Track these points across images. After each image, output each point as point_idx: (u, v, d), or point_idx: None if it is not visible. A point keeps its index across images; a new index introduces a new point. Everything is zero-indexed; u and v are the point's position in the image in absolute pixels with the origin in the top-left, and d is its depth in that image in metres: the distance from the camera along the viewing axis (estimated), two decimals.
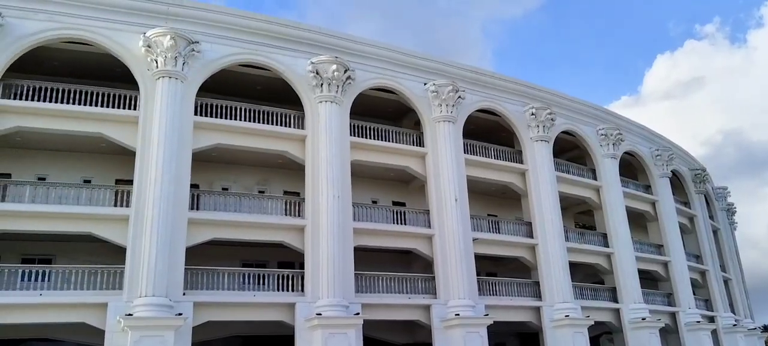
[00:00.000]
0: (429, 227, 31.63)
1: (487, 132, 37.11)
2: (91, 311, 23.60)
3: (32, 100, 25.51)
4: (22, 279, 23.51)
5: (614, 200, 39.46)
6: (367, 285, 29.00)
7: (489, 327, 29.83)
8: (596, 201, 39.65)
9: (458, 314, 29.19)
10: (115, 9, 27.19)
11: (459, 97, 33.66)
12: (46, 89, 25.78)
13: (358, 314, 26.99)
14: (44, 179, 26.67)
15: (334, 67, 29.93)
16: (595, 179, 40.05)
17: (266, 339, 28.51)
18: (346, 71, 30.43)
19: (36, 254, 26.01)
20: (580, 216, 44.22)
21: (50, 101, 25.64)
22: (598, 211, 39.91)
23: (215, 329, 26.19)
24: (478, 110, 35.58)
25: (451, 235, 31.02)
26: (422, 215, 32.04)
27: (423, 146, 32.99)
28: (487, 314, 30.23)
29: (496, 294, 32.66)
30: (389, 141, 32.28)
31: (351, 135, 30.68)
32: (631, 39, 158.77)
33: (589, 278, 39.24)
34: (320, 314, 25.99)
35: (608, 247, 38.47)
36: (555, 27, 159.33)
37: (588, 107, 41.26)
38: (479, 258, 32.20)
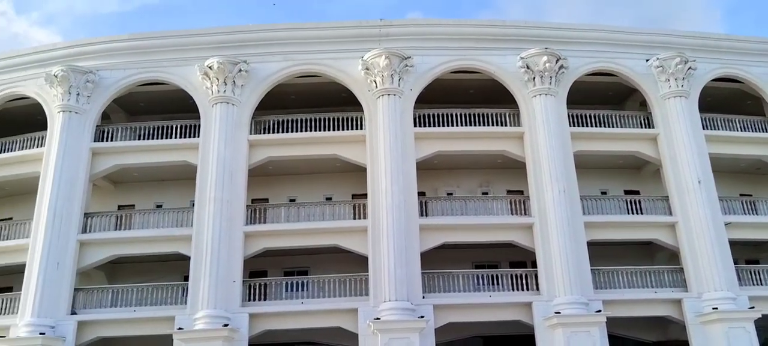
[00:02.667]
0: (670, 214, 28.84)
1: (730, 103, 32.82)
2: (344, 316, 25.87)
3: (278, 132, 29.07)
4: (286, 290, 26.77)
5: None
6: (606, 281, 27.38)
7: (756, 322, 26.16)
8: None
9: (716, 308, 26.08)
10: (335, 40, 29.81)
11: (689, 68, 30.30)
12: (288, 121, 29.19)
13: (599, 311, 25.61)
14: (294, 200, 30.05)
15: (545, 58, 29.07)
16: None
17: (506, 339, 28.42)
18: (557, 61, 29.35)
19: (294, 266, 29.37)
20: None
21: (292, 131, 28.96)
22: None
23: (455, 330, 26.85)
24: (713, 80, 31.66)
25: (698, 221, 27.89)
26: (660, 201, 29.35)
27: (653, 127, 30.29)
28: (752, 307, 26.53)
29: (762, 284, 28.46)
30: (613, 127, 30.25)
31: (571, 125, 29.42)
32: None
33: None
34: (559, 313, 25.19)
35: None
36: None
37: None
38: (735, 244, 28.42)
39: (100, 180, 29.89)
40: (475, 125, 29.29)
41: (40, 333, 24.86)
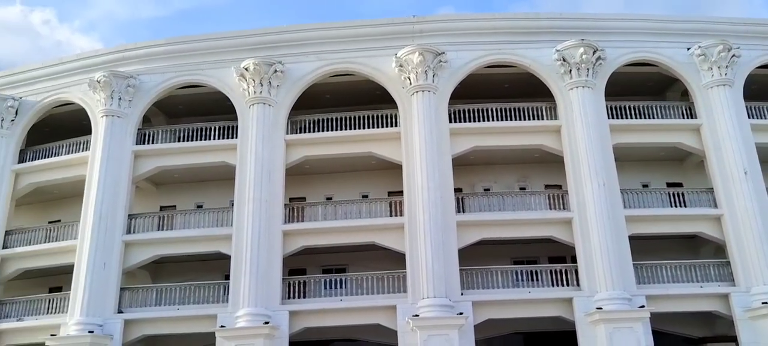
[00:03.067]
0: (715, 206, 28.05)
1: None
2: (382, 313, 25.97)
3: (314, 131, 29.33)
4: (325, 287, 27.01)
5: None
6: (649, 276, 26.82)
7: None
8: None
9: (766, 302, 25.27)
10: (369, 38, 29.87)
11: (733, 56, 29.38)
12: (323, 120, 29.43)
13: (643, 306, 25.11)
14: (331, 198, 30.28)
15: (581, 50, 28.59)
16: None
17: (547, 335, 28.12)
18: (594, 52, 28.84)
19: (332, 264, 29.61)
20: None
21: (328, 130, 29.17)
22: None
23: (494, 326, 26.67)
24: (758, 67, 30.64)
25: (745, 213, 27.07)
26: (705, 193, 28.56)
27: (695, 118, 29.48)
28: None
29: None
30: (653, 118, 29.58)
31: (609, 117, 28.89)
32: None
33: None
34: (601, 309, 24.79)
35: None
36: None
37: None
38: None
39: (142, 182, 30.62)
40: (511, 120, 29.04)
41: (89, 332, 25.67)
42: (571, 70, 28.85)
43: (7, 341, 28.22)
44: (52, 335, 26.34)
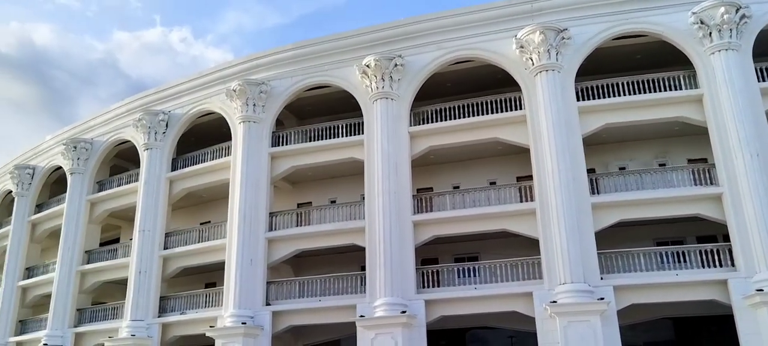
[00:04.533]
0: None
1: None
2: (518, 300, 25.70)
3: (437, 121, 29.47)
4: (458, 276, 27.18)
5: None
6: None
7: None
8: None
9: None
10: (486, 22, 29.43)
11: None
12: (446, 109, 29.49)
13: None
14: (458, 186, 30.36)
15: (722, 9, 26.21)
16: None
17: (700, 320, 26.37)
18: (737, 10, 26.30)
19: (464, 253, 29.72)
20: None
21: (451, 119, 29.19)
22: None
23: (639, 312, 25.43)
24: None
25: None
26: None
27: None
28: None
29: None
30: None
31: (759, 81, 26.30)
32: None
33: None
34: (762, 290, 22.78)
35: None
36: None
37: None
38: None
39: (279, 182, 32.51)
40: (645, 93, 27.32)
41: (242, 323, 27.81)
42: (711, 33, 26.57)
43: (173, 332, 31.37)
44: (210, 326, 28.90)
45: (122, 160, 39.24)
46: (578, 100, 27.60)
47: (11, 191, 42.04)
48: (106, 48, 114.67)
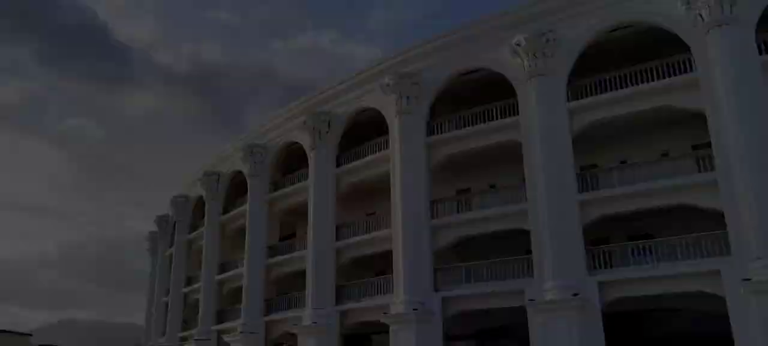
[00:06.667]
0: None
1: None
2: (703, 279, 23.88)
3: (597, 94, 28.01)
4: (632, 255, 25.78)
5: None
6: None
7: None
8: None
9: None
10: None
11: None
12: (606, 80, 27.92)
13: None
14: (625, 162, 28.67)
15: None
16: None
17: None
18: None
19: (636, 231, 28.00)
20: None
21: (612, 90, 27.59)
22: None
23: None
24: None
25: None
26: None
27: None
28: None
29: None
30: None
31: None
32: None
33: None
34: None
35: None
36: None
37: None
38: None
39: (437, 170, 33.06)
40: None
41: (414, 309, 28.97)
42: None
43: (350, 319, 33.55)
44: (384, 312, 30.44)
45: (292, 160, 42.36)
46: (760, 53, 24.71)
47: (201, 196, 47.36)
48: (265, 57, 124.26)
